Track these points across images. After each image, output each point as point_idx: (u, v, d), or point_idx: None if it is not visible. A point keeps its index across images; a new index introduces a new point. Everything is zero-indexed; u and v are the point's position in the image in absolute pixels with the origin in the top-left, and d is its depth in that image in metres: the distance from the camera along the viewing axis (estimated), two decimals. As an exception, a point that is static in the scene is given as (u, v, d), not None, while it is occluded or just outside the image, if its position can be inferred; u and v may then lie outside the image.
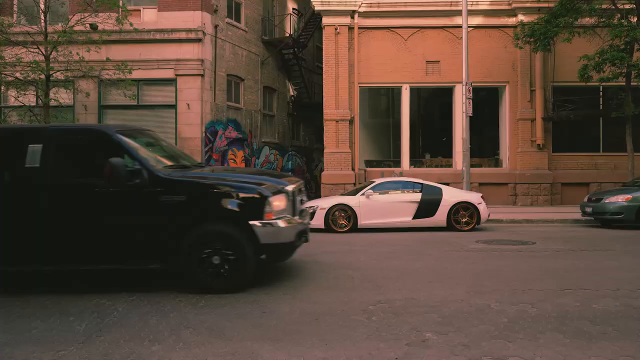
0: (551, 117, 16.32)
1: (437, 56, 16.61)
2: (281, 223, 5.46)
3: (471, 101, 13.87)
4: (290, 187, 5.76)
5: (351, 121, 16.69)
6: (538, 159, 16.44)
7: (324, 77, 16.77)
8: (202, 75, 15.71)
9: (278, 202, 5.47)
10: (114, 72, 13.70)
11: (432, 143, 17.97)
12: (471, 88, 13.92)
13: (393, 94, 18.00)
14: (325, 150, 16.62)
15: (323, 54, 16.78)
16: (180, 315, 4.66)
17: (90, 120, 15.50)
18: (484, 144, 17.46)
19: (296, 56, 20.77)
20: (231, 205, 5.37)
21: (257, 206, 5.37)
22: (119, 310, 4.88)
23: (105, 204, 5.42)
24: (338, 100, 16.59)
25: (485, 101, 17.06)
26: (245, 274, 5.40)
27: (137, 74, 14.80)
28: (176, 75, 15.67)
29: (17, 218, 5.47)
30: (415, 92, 17.36)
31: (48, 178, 5.48)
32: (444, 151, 17.32)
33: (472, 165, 15.06)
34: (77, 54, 13.32)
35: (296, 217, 5.80)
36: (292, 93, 22.10)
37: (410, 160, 16.96)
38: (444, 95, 17.25)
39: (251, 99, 18.63)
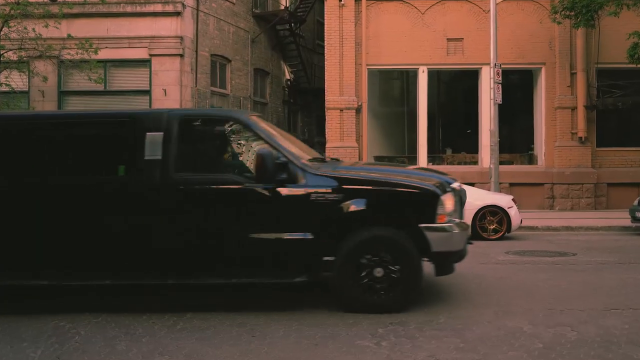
0: (595, 105, 16.29)
1: (460, 33, 16.57)
2: (454, 227, 5.45)
3: (500, 86, 13.82)
4: (456, 184, 5.77)
5: (358, 110, 16.67)
6: (579, 154, 16.41)
7: (326, 57, 16.74)
8: (182, 56, 15.70)
9: (449, 202, 5.46)
10: (77, 51, 13.68)
11: (454, 136, 17.94)
12: (500, 71, 13.88)
13: (408, 77, 17.97)
14: (327, 145, 16.61)
15: (325, 31, 16.76)
16: (154, 340, 4.65)
17: (48, 109, 15.47)
18: (516, 137, 17.42)
19: (293, 33, 20.76)
20: (397, 205, 5.40)
21: (428, 207, 5.35)
22: (81, 334, 4.86)
23: (246, 204, 5.39)
24: (342, 86, 16.57)
25: (517, 86, 17.01)
26: (411, 288, 5.33)
27: (104, 54, 14.77)
28: (150, 55, 15.66)
29: (139, 221, 5.40)
30: (434, 75, 17.33)
31: (173, 173, 5.42)
32: (468, 146, 17.29)
33: (501, 162, 15.02)
34: (33, 29, 13.30)
35: (463, 220, 5.81)
36: (288, 77, 22.09)
37: (428, 157, 16.94)
38: (468, 79, 17.21)
39: (240, 83, 18.63)
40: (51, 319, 5.27)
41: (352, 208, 5.29)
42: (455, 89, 18.71)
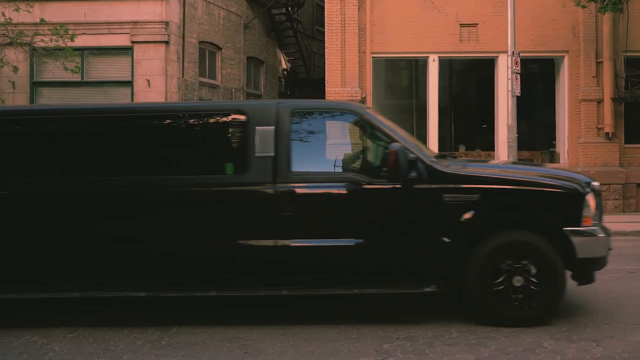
0: (623, 97, 16.29)
1: (475, 17, 16.57)
2: (599, 231, 5.43)
3: (519, 77, 13.82)
4: (595, 183, 5.74)
5: (362, 102, 16.67)
6: (606, 151, 16.41)
7: (326, 45, 16.74)
8: (167, 43, 15.71)
9: (592, 203, 5.44)
10: (51, 38, 13.68)
11: (468, 131, 17.95)
12: (519, 59, 13.87)
13: (417, 67, 17.97)
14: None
15: (325, 15, 16.76)
16: (136, 357, 4.66)
17: (19, 102, 15.49)
18: (536, 133, 17.43)
19: (290, 17, 20.77)
20: (538, 207, 5.41)
21: (573, 209, 5.36)
22: (56, 350, 4.86)
23: (373, 205, 5.40)
24: (345, 76, 16.57)
25: (538, 77, 17.03)
26: (554, 299, 5.30)
27: (81, 41, 14.76)
28: (132, 42, 15.65)
29: (252, 225, 5.38)
30: (445, 64, 17.33)
31: (288, 171, 5.41)
32: (484, 142, 17.29)
33: (520, 161, 15.02)
34: (2, 14, 13.31)
35: (604, 223, 5.81)
36: (284, 66, 22.09)
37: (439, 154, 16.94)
38: (484, 68, 17.21)
39: (231, 73, 18.63)
40: (22, 334, 5.27)
41: (489, 210, 5.33)
42: (469, 80, 18.71)
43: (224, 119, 5.80)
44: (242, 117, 5.58)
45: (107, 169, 5.68)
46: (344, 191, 5.46)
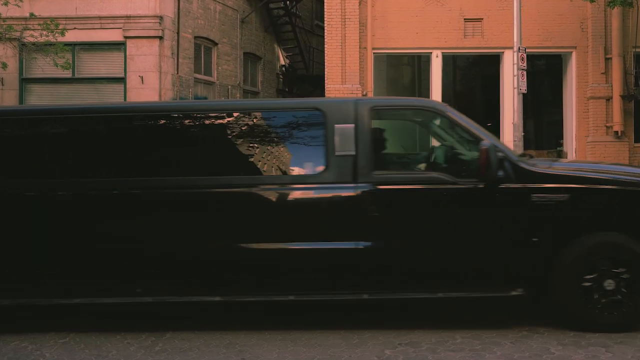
0: (633, 95, 16.29)
1: (479, 12, 16.58)
2: None
3: (525, 73, 13.82)
4: None
5: (362, 100, 16.67)
6: (616, 151, 16.41)
7: (326, 40, 16.74)
8: (161, 38, 15.70)
9: None
10: (41, 32, 13.67)
11: (472, 130, 17.93)
12: (525, 55, 13.88)
13: (419, 63, 17.97)
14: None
15: (325, 9, 16.75)
16: (129, 363, 4.65)
17: (7, 100, 15.49)
18: (543, 131, 17.44)
19: (288, 12, 20.77)
20: (632, 208, 5.38)
21: None
22: (46, 356, 4.86)
23: (462, 206, 5.39)
24: (345, 72, 16.57)
25: (544, 73, 17.03)
26: None
27: (72, 36, 14.79)
28: (125, 37, 15.66)
29: (336, 228, 5.36)
30: (449, 60, 17.33)
31: (371, 171, 5.38)
32: (489, 141, 17.29)
33: (526, 160, 15.02)
34: (-9, 8, 13.29)
35: None
36: (283, 62, 22.10)
37: (443, 153, 16.95)
38: (488, 65, 17.22)
39: (227, 69, 18.63)
40: (11, 339, 5.27)
41: (579, 210, 5.31)
42: (473, 77, 18.71)
43: (302, 116, 5.77)
44: (320, 115, 5.56)
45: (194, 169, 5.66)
46: (428, 191, 5.43)
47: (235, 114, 5.81)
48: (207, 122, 5.80)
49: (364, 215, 5.34)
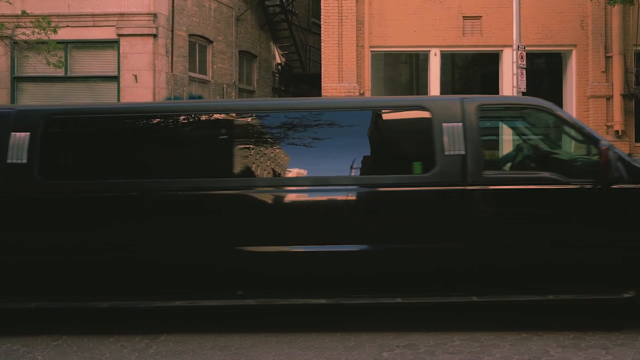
0: (634, 94, 16.32)
1: (478, 9, 16.59)
2: None
3: (524, 72, 13.84)
4: None
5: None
6: (616, 151, 16.43)
7: (322, 38, 16.73)
8: (155, 36, 15.68)
9: None
10: (33, 30, 13.62)
11: (471, 129, 17.94)
12: (524, 54, 13.89)
13: (417, 61, 17.97)
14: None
15: (321, 7, 16.75)
16: (122, 366, 4.65)
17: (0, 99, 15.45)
18: (542, 131, 17.44)
19: (284, 9, 20.76)
20: None
21: None
22: (38, 359, 4.85)
23: (573, 205, 5.34)
24: (342, 71, 16.57)
25: (544, 72, 17.04)
26: None
27: (64, 34, 14.74)
28: (119, 35, 15.63)
29: (447, 229, 5.31)
30: (447, 59, 17.34)
31: (482, 171, 5.32)
32: (488, 140, 17.33)
33: (525, 160, 15.05)
34: (-18, 5, 13.26)
35: None
36: (278, 60, 22.08)
37: (441, 153, 16.95)
38: (488, 63, 17.22)
39: (222, 68, 18.62)
40: (3, 342, 5.26)
41: None
42: (472, 75, 18.72)
43: (405, 115, 5.75)
44: (426, 114, 5.50)
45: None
46: (541, 191, 5.38)
47: (345, 112, 5.77)
48: (316, 120, 5.72)
49: (474, 217, 5.30)
